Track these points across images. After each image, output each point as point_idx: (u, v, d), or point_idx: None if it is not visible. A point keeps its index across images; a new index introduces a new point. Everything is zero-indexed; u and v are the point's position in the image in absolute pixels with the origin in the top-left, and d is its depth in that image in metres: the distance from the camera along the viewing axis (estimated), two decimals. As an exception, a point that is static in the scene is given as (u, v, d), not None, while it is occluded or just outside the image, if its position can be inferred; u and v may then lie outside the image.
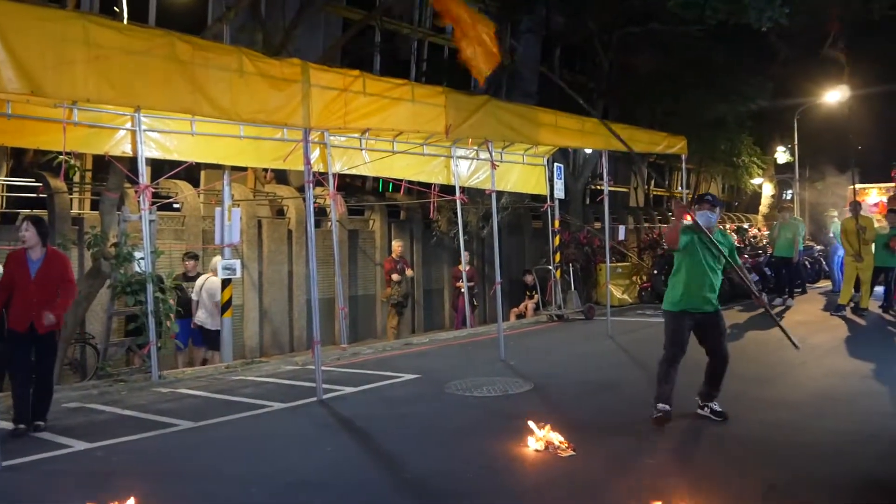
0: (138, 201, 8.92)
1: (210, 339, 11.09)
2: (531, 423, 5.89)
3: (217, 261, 10.68)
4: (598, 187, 22.10)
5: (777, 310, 14.27)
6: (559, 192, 13.82)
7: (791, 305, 14.66)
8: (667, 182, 31.76)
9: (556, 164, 13.75)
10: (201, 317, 11.03)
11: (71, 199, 12.60)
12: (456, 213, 12.61)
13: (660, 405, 6.38)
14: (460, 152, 12.02)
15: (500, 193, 14.85)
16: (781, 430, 6.16)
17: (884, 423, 6.26)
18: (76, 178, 12.82)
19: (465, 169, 12.46)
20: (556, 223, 14.29)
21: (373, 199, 17.34)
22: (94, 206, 12.40)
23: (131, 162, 9.11)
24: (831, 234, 17.75)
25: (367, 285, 16.56)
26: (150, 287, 8.63)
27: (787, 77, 25.65)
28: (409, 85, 8.57)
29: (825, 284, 18.76)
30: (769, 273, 16.77)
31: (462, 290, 14.08)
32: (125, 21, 9.16)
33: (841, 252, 16.01)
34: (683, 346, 6.43)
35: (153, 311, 8.61)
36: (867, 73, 24.44)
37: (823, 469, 5.15)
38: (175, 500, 4.80)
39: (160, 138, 9.27)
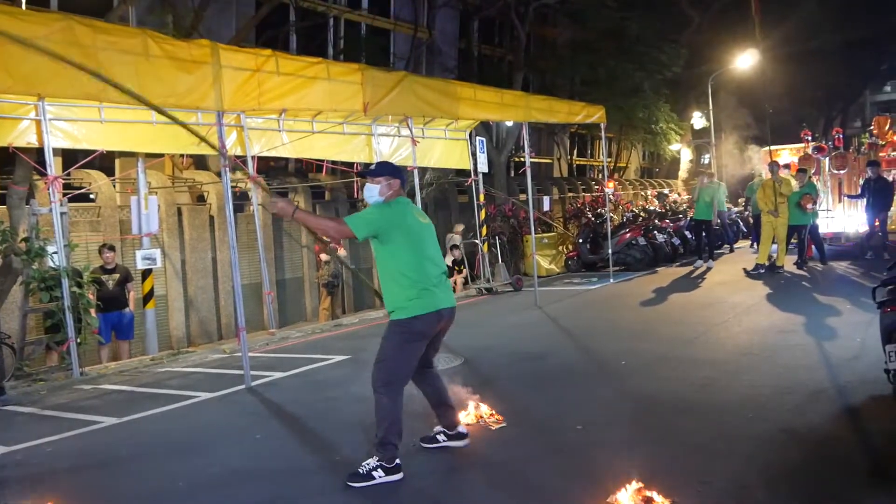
0: (48, 193, 8.59)
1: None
2: (462, 398, 5.93)
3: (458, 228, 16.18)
4: (521, 159, 22.30)
5: (699, 271, 14.67)
6: (482, 166, 13.85)
7: (712, 267, 15.07)
8: (589, 151, 32.23)
9: (478, 137, 13.76)
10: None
11: (-24, 195, 12.06)
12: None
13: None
14: (381, 129, 11.92)
15: (423, 169, 14.82)
16: (705, 388, 6.33)
17: (800, 376, 6.49)
18: (-20, 172, 12.26)
19: (387, 146, 12.36)
20: (482, 197, 14.35)
21: (296, 180, 17.08)
22: (3, 200, 11.89)
23: (39, 153, 8.74)
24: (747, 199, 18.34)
25: (294, 268, 16.33)
26: (65, 282, 8.34)
27: (701, 44, 26.23)
28: (324, 63, 8.41)
29: (744, 244, 19.36)
30: (689, 236, 17.25)
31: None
32: (23, 6, 8.76)
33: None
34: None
35: (71, 306, 8.33)
36: (777, 36, 25.16)
37: (745, 424, 5.30)
38: (98, 500, 4.67)
39: (67, 127, 8.93)
